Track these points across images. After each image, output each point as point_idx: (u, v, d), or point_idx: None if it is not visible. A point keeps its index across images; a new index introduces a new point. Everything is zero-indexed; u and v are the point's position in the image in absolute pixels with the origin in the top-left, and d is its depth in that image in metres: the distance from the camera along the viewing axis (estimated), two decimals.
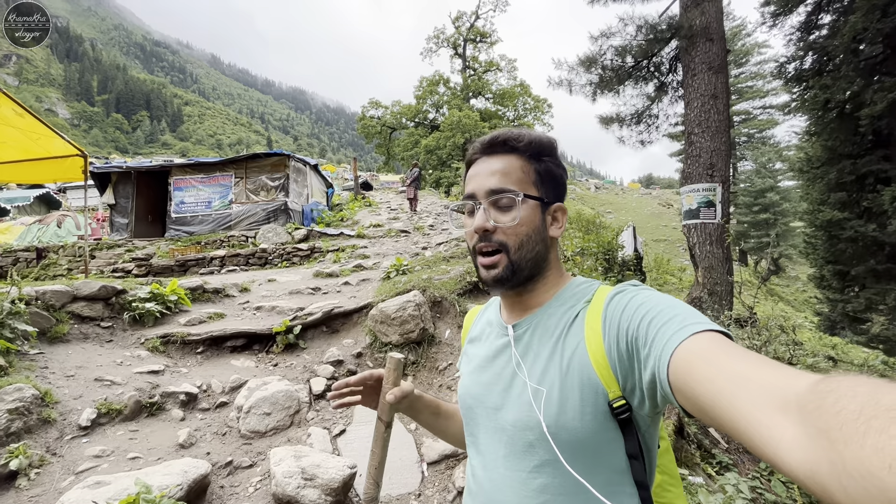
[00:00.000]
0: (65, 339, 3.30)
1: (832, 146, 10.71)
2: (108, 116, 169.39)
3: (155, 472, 2.05)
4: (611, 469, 0.67)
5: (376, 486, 0.86)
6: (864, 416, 0.31)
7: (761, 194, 26.95)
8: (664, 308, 0.59)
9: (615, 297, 0.69)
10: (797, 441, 0.36)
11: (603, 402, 0.65)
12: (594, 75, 9.15)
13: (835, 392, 0.34)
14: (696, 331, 0.52)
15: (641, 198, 43.82)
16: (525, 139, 0.78)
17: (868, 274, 10.04)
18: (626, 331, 0.62)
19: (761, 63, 27.27)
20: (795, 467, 0.36)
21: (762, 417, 0.40)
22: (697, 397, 0.48)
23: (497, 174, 0.76)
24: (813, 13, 10.47)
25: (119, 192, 13.00)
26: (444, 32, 35.77)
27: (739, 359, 0.47)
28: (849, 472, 0.30)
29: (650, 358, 0.57)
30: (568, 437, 0.66)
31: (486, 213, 0.75)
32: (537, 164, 0.78)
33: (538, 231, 0.77)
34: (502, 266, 0.75)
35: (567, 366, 0.68)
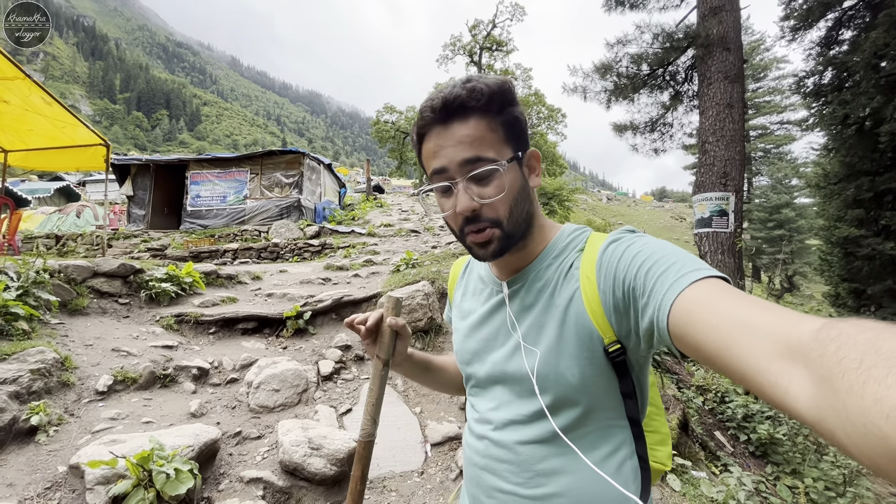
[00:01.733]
0: (84, 311, 3.40)
1: (850, 162, 10.57)
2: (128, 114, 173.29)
3: (168, 433, 2.11)
4: (607, 407, 0.70)
5: (373, 422, 0.86)
6: (864, 364, 0.31)
7: (776, 210, 26.60)
8: (662, 256, 0.58)
9: (610, 245, 0.67)
10: (803, 388, 0.37)
11: (598, 346, 0.66)
12: (609, 82, 9.19)
13: (837, 339, 0.35)
14: (695, 278, 0.52)
15: (654, 210, 43.52)
16: (485, 93, 0.67)
17: (885, 293, 9.85)
18: (622, 280, 0.62)
19: (780, 78, 27.05)
20: (804, 413, 0.36)
21: (768, 365, 0.40)
22: (700, 345, 0.48)
23: (465, 142, 0.67)
24: (833, 28, 10.41)
25: (137, 185, 13.30)
26: (461, 40, 36.11)
27: (741, 304, 0.47)
28: (851, 421, 0.31)
29: (649, 307, 0.56)
30: (566, 384, 0.68)
31: (469, 191, 0.68)
32: (502, 117, 0.69)
33: (522, 191, 0.71)
34: (497, 240, 0.70)
35: (562, 317, 0.69)
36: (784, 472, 3.56)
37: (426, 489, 2.24)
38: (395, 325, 0.83)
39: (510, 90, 0.70)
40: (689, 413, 3.51)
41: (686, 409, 3.48)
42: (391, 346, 0.86)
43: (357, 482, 0.83)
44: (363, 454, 0.84)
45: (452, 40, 36.23)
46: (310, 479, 2.10)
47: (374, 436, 0.86)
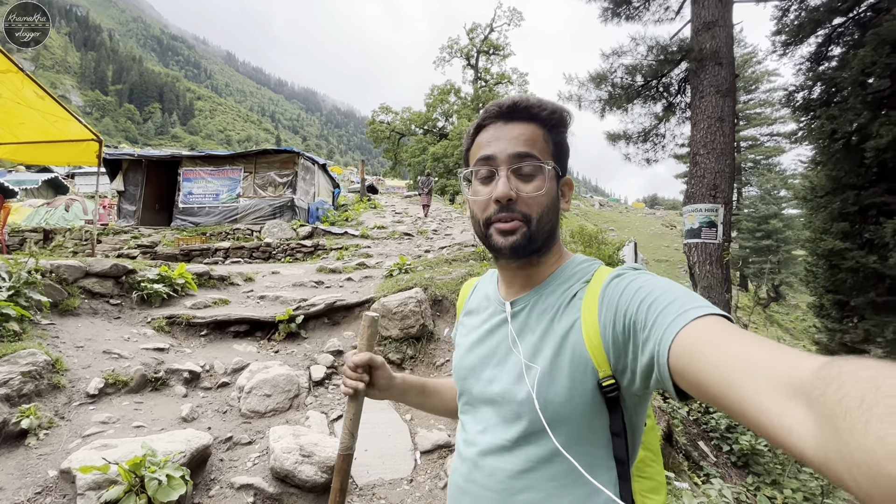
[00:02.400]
0: (75, 312, 3.39)
1: (837, 176, 10.79)
2: (120, 106, 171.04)
3: (160, 439, 2.12)
4: (592, 444, 0.69)
5: (351, 436, 0.89)
6: (865, 403, 0.31)
7: (765, 220, 27.02)
8: (664, 292, 0.59)
9: (614, 279, 0.68)
10: (806, 428, 0.36)
11: (592, 379, 0.66)
12: (604, 92, 9.30)
13: (838, 378, 0.34)
14: (697, 315, 0.52)
15: (645, 217, 43.94)
16: (549, 108, 0.75)
17: (867, 305, 10.06)
18: (623, 314, 0.62)
19: (770, 91, 27.50)
20: (809, 455, 0.36)
21: (770, 404, 0.40)
22: (701, 382, 0.48)
23: (520, 139, 0.73)
24: (823, 45, 10.63)
25: (129, 180, 13.17)
26: (458, 43, 36.24)
27: (743, 342, 0.47)
28: (856, 462, 0.30)
29: (649, 342, 0.56)
30: (554, 411, 0.68)
31: (511, 180, 0.72)
32: (555, 136, 0.76)
33: (555, 203, 0.76)
34: (521, 233, 0.72)
35: (560, 343, 0.69)
36: (764, 482, 3.65)
37: (415, 497, 2.27)
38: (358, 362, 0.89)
39: (567, 118, 0.78)
40: (673, 424, 3.58)
41: (671, 419, 3.55)
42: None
43: (336, 494, 0.87)
44: (342, 467, 0.88)
45: (450, 43, 36.35)
46: (300, 487, 2.13)
47: (353, 449, 0.90)
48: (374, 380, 0.92)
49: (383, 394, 0.96)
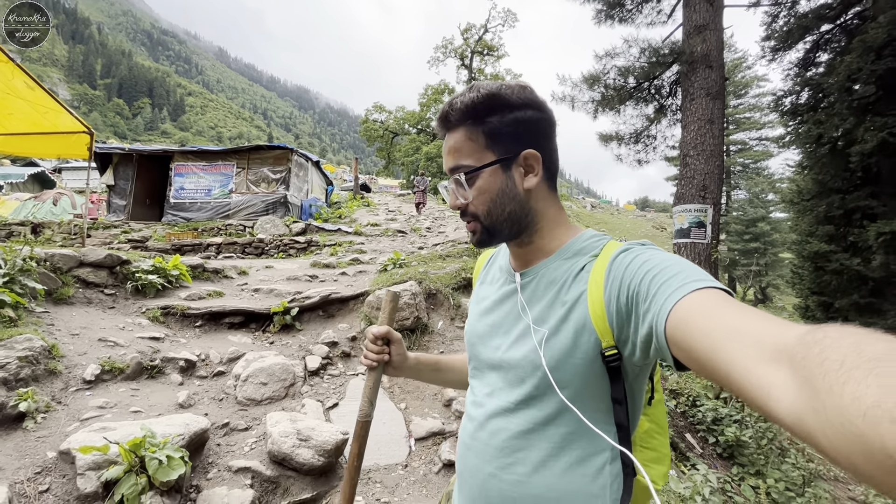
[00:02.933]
0: (69, 301, 3.38)
1: (823, 180, 11.02)
2: (108, 101, 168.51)
3: (158, 422, 2.15)
4: (593, 409, 0.72)
5: (370, 404, 0.95)
6: (845, 366, 0.32)
7: (753, 223, 27.44)
8: (668, 266, 0.60)
9: (621, 254, 0.71)
10: (785, 390, 0.37)
11: (595, 348, 0.69)
12: (597, 93, 9.42)
13: (821, 342, 0.35)
14: (696, 287, 0.54)
15: (636, 219, 44.36)
16: (457, 108, 0.77)
17: (851, 307, 10.29)
18: (627, 286, 0.64)
19: (759, 95, 27.95)
20: (784, 415, 0.37)
21: (754, 367, 0.41)
22: (693, 350, 0.49)
23: (450, 152, 0.79)
24: (811, 51, 10.87)
25: (119, 174, 13.03)
26: (453, 43, 36.28)
27: (735, 313, 0.48)
28: (829, 420, 0.31)
29: (649, 312, 0.58)
30: (559, 376, 0.71)
31: (454, 193, 0.80)
32: (482, 126, 0.76)
33: (503, 192, 0.77)
34: (479, 232, 0.80)
35: (566, 314, 0.72)
36: (749, 472, 3.75)
37: (409, 481, 2.32)
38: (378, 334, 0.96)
39: (491, 100, 0.76)
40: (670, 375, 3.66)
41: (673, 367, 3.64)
42: None
43: (354, 458, 0.93)
44: (360, 433, 0.94)
45: (444, 43, 36.38)
46: (297, 469, 2.16)
47: (371, 416, 0.95)
48: (391, 355, 0.98)
49: (397, 371, 1.01)
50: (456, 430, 2.76)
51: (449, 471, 2.38)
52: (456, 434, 2.72)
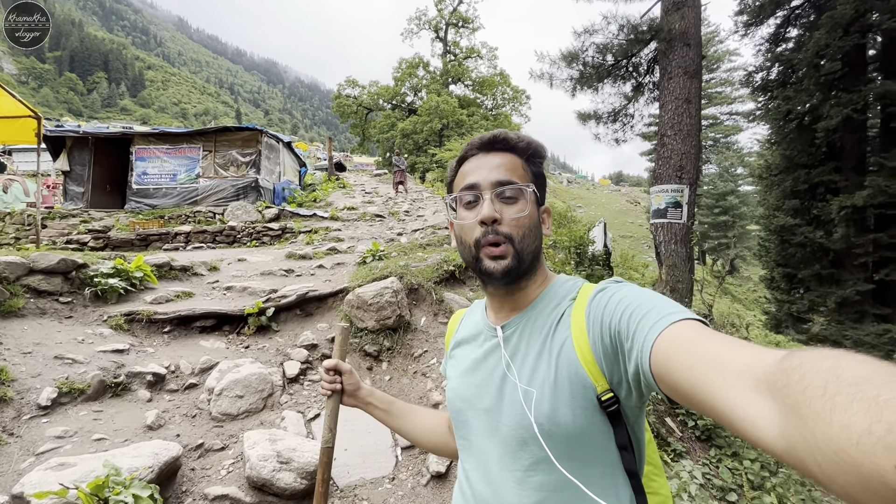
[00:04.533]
0: (19, 313, 3.12)
1: (790, 155, 11.29)
2: (60, 75, 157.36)
3: (124, 453, 2.00)
4: (604, 462, 0.69)
5: (330, 431, 0.97)
6: (828, 392, 0.32)
7: (722, 197, 28.22)
8: (643, 301, 0.61)
9: (598, 294, 0.70)
10: (772, 419, 0.37)
11: (592, 395, 0.67)
12: (575, 70, 9.25)
13: (799, 368, 0.36)
14: (673, 320, 0.54)
15: (611, 194, 44.98)
16: (525, 139, 0.81)
17: (813, 277, 10.75)
18: (608, 325, 0.64)
19: (731, 70, 28.27)
20: (773, 444, 0.37)
21: (737, 398, 0.42)
22: (678, 384, 0.50)
23: (502, 168, 0.78)
24: (782, 26, 10.93)
25: (74, 159, 12.20)
26: (427, 14, 35.08)
27: (713, 343, 0.49)
28: (821, 449, 0.31)
29: (633, 350, 0.58)
30: (561, 433, 0.67)
31: (494, 203, 0.76)
32: (532, 166, 0.82)
33: (537, 226, 0.80)
34: (510, 256, 0.75)
35: (556, 363, 0.69)
36: (726, 454, 3.87)
37: (398, 496, 2.26)
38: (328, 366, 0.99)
39: (544, 151, 0.84)
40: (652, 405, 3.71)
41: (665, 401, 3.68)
42: None
43: (320, 485, 0.96)
44: (324, 460, 0.97)
45: (418, 14, 35.14)
46: (279, 495, 2.07)
47: (332, 442, 0.98)
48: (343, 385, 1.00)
49: (351, 399, 1.02)
50: None
51: (437, 483, 2.32)
52: None
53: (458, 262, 4.49)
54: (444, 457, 2.47)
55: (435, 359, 3.40)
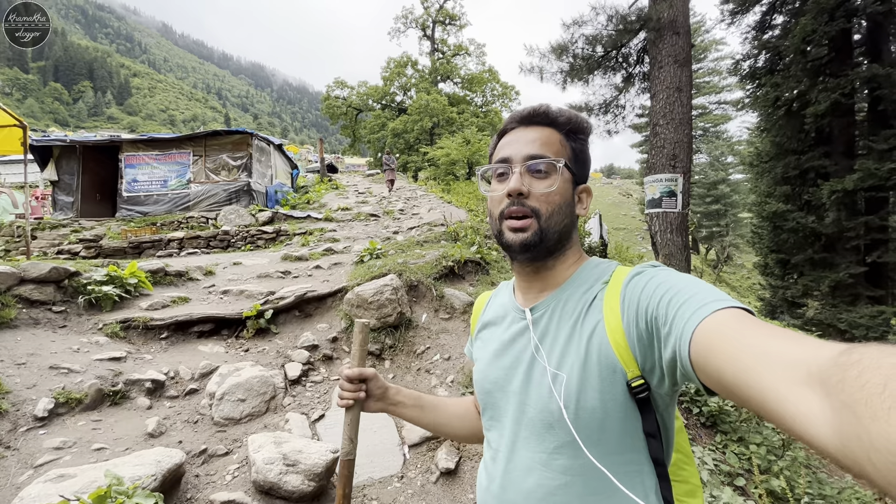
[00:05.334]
0: (12, 324, 3.05)
1: (780, 142, 11.35)
2: (45, 85, 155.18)
3: (125, 462, 1.95)
4: (630, 448, 0.68)
5: (350, 442, 0.89)
6: (889, 390, 0.31)
7: (714, 186, 28.41)
8: (683, 287, 0.59)
9: (634, 277, 0.68)
10: (824, 416, 0.36)
11: (622, 381, 0.65)
12: (565, 63, 9.23)
13: (858, 364, 0.34)
14: (716, 308, 0.52)
15: (603, 187, 45.13)
16: (566, 114, 0.79)
17: (806, 262, 10.83)
18: (645, 310, 0.62)
19: (718, 59, 28.42)
20: (826, 442, 0.35)
21: (788, 393, 0.40)
22: (721, 375, 0.48)
23: (537, 142, 0.76)
24: (767, 13, 10.98)
25: (62, 168, 12.03)
26: (413, 12, 34.94)
27: (761, 333, 0.46)
28: (876, 448, 0.30)
29: (671, 336, 0.56)
30: (588, 418, 0.66)
31: (522, 177, 0.74)
32: (573, 142, 0.79)
33: (569, 204, 0.77)
34: (532, 231, 0.74)
35: (586, 347, 0.68)
36: (731, 440, 3.87)
37: (407, 494, 2.23)
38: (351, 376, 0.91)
39: (588, 127, 0.81)
40: None
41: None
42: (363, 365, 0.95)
43: (341, 500, 0.89)
44: (345, 473, 0.89)
45: (404, 12, 34.99)
46: (287, 498, 2.02)
47: (354, 454, 0.91)
48: (368, 390, 0.93)
49: (377, 404, 0.95)
50: None
51: (447, 479, 2.29)
52: None
53: (457, 258, 4.46)
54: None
55: (438, 355, 3.37)
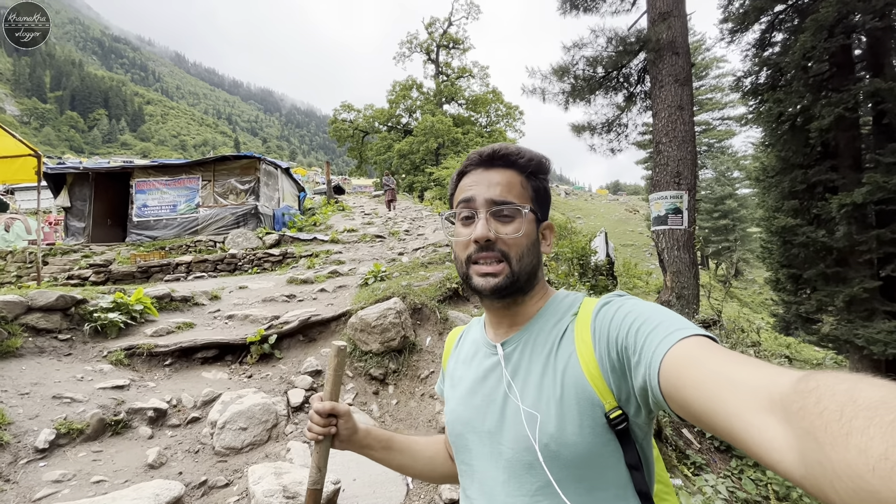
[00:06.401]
0: (17, 353, 3.07)
1: (785, 157, 11.31)
2: (61, 114, 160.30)
3: (123, 496, 1.92)
4: (615, 484, 0.66)
5: (319, 471, 0.87)
6: (844, 416, 0.32)
7: (721, 201, 28.28)
8: (650, 315, 0.60)
9: (602, 307, 0.69)
10: (787, 443, 0.37)
11: (600, 414, 0.64)
12: (567, 84, 9.37)
13: (815, 391, 0.35)
14: (681, 336, 0.53)
15: (609, 204, 45.12)
16: (526, 155, 0.78)
17: (818, 277, 10.64)
18: (615, 340, 0.62)
19: (720, 76, 28.69)
20: (791, 469, 0.36)
21: (752, 420, 0.40)
22: (688, 403, 0.48)
23: (499, 186, 0.76)
24: (767, 31, 11.09)
25: (75, 195, 12.30)
26: (417, 38, 35.86)
27: (725, 361, 0.48)
28: (837, 474, 0.31)
29: (640, 366, 0.57)
30: (570, 454, 0.64)
31: (488, 223, 0.74)
32: (534, 182, 0.79)
33: (535, 244, 0.77)
34: (504, 275, 0.73)
35: (561, 381, 0.67)
36: (747, 465, 3.74)
37: None
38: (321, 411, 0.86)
39: (547, 165, 0.81)
40: (660, 416, 3.61)
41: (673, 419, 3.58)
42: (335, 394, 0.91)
43: None
44: (310, 502, 0.86)
45: (409, 38, 35.92)
46: None
47: (321, 484, 0.87)
48: (337, 429, 0.88)
49: (343, 444, 0.91)
50: None
51: None
52: None
53: None
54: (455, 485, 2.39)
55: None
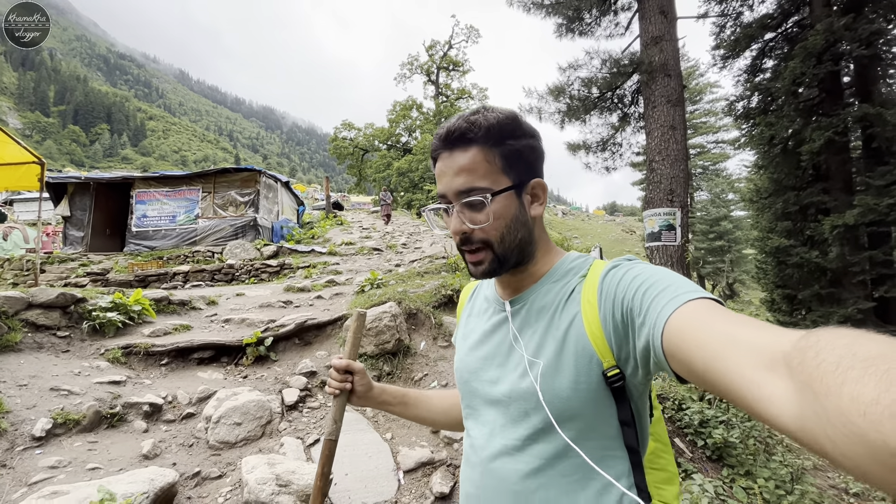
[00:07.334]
0: (17, 347, 3.10)
1: (778, 179, 11.53)
2: (64, 128, 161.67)
3: (119, 480, 1.95)
4: (603, 435, 0.69)
5: (335, 423, 0.92)
6: (841, 367, 0.32)
7: (716, 223, 28.57)
8: (658, 279, 0.61)
9: (611, 270, 0.70)
10: (786, 396, 0.37)
11: (597, 370, 0.67)
12: (562, 104, 9.61)
13: (815, 346, 0.36)
14: (688, 299, 0.54)
15: (606, 224, 45.49)
16: (482, 127, 0.72)
17: (813, 297, 10.72)
18: (621, 301, 0.64)
19: (713, 101, 29.36)
20: (787, 422, 0.36)
21: (753, 376, 0.41)
22: (691, 362, 0.49)
23: (463, 173, 0.72)
24: (758, 57, 11.46)
25: (75, 204, 12.38)
26: (418, 59, 36.72)
27: (729, 322, 0.48)
28: (831, 422, 0.31)
29: (644, 326, 0.58)
30: (562, 405, 0.67)
31: (461, 216, 0.74)
32: (501, 149, 0.73)
33: (517, 219, 0.74)
34: (488, 261, 0.74)
35: (563, 337, 0.70)
36: (738, 473, 3.75)
37: None
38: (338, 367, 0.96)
39: (511, 124, 0.74)
40: None
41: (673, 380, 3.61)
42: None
43: (319, 479, 0.91)
44: (326, 453, 0.91)
45: (410, 59, 36.77)
46: None
47: (336, 435, 0.93)
48: (353, 385, 0.96)
49: (361, 400, 0.98)
50: (446, 457, 2.64)
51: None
52: (446, 462, 2.60)
53: (456, 287, 4.51)
54: (444, 479, 2.43)
55: (436, 382, 3.36)
